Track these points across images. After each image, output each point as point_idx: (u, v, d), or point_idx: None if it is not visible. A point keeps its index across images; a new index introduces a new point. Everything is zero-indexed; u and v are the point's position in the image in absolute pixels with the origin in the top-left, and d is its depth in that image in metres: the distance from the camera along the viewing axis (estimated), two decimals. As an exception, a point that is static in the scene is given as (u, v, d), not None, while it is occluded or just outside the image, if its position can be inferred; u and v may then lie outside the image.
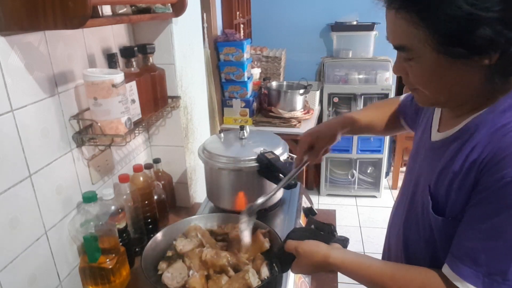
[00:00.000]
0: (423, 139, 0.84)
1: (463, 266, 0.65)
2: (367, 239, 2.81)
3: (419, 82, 0.69)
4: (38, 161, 0.90)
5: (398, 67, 0.71)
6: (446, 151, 0.72)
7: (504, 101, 0.65)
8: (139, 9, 1.08)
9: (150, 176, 1.30)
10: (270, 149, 1.12)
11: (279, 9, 3.42)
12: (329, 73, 3.12)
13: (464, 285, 0.64)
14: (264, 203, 1.02)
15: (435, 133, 0.79)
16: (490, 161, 0.62)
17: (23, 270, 0.87)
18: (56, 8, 0.73)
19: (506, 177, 0.59)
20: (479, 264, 0.63)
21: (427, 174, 0.77)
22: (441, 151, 0.74)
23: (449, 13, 0.57)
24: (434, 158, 0.75)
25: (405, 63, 0.69)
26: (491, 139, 0.63)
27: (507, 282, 0.62)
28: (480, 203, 0.64)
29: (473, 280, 0.64)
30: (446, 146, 0.73)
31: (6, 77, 0.79)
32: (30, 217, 0.89)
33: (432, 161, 0.76)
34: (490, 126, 0.65)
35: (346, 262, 0.78)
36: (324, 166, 3.29)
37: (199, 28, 1.58)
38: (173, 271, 0.92)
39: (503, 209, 0.61)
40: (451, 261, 0.68)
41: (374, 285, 0.76)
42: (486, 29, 0.56)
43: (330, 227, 0.87)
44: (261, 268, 0.92)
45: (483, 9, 0.55)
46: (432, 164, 0.76)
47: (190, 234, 1.04)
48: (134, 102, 1.10)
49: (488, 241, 0.63)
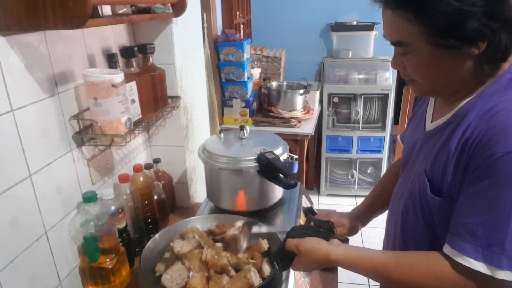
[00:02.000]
0: (417, 133, 0.89)
1: (462, 242, 0.68)
2: (367, 239, 2.81)
3: (416, 73, 0.75)
4: (38, 161, 0.90)
5: (396, 61, 0.77)
6: (441, 136, 0.77)
7: (492, 87, 0.72)
8: (139, 9, 1.08)
9: (150, 176, 1.30)
10: (270, 149, 1.12)
11: (279, 9, 3.42)
12: (329, 73, 3.12)
13: (465, 259, 0.67)
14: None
15: (429, 124, 0.85)
16: (480, 141, 0.67)
17: (23, 270, 0.87)
18: (56, 8, 0.73)
19: (496, 153, 0.64)
20: (477, 238, 0.67)
21: (422, 160, 0.82)
22: (436, 137, 0.79)
23: (440, 10, 0.64)
24: (429, 145, 0.81)
25: (402, 57, 0.75)
26: (481, 120, 0.69)
27: (505, 252, 0.65)
28: (474, 181, 0.68)
29: (473, 254, 0.67)
30: (440, 131, 0.78)
31: (6, 77, 0.79)
32: (30, 217, 0.89)
33: (427, 148, 0.81)
34: (479, 109, 0.71)
35: (348, 258, 0.81)
36: (324, 166, 3.29)
37: (199, 28, 1.58)
38: (172, 273, 0.92)
39: (496, 183, 0.65)
40: (450, 240, 0.71)
41: (379, 276, 0.79)
42: (473, 22, 0.63)
43: (329, 223, 0.88)
44: (263, 266, 0.92)
45: (470, 5, 0.63)
46: (427, 151, 0.81)
47: (187, 236, 1.04)
48: (134, 102, 1.10)
49: (484, 215, 0.66)
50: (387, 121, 3.10)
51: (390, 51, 0.80)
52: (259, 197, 1.18)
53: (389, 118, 3.10)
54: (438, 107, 0.85)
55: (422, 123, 0.88)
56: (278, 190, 1.22)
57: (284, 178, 1.08)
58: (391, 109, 3.07)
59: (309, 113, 2.83)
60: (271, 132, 1.33)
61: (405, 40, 0.71)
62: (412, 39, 0.69)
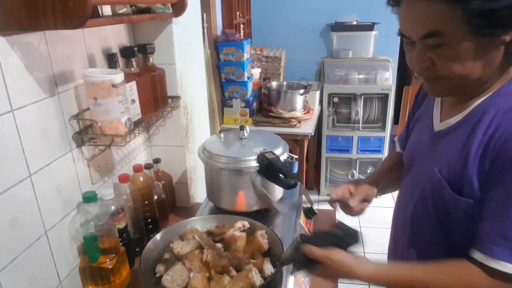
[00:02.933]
0: (424, 133, 0.87)
1: (497, 247, 0.66)
2: (367, 239, 2.80)
3: (450, 67, 0.69)
4: (38, 161, 0.90)
5: (421, 58, 0.71)
6: (455, 136, 0.75)
7: (507, 86, 0.71)
8: (139, 9, 1.08)
9: (150, 176, 1.30)
10: (270, 149, 1.12)
11: (279, 9, 3.42)
12: (329, 73, 3.12)
13: (502, 264, 0.65)
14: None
15: (437, 124, 0.83)
16: (505, 142, 0.65)
17: (23, 270, 0.87)
18: (56, 8, 0.73)
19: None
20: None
21: (434, 160, 0.78)
22: (449, 137, 0.77)
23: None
24: (441, 145, 0.78)
25: (430, 52, 0.70)
26: (502, 120, 0.67)
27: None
28: (503, 183, 0.65)
29: (509, 257, 0.65)
30: (453, 131, 0.76)
31: (6, 77, 0.79)
32: (30, 217, 0.89)
33: (440, 148, 0.79)
34: (499, 107, 0.69)
35: (374, 275, 0.78)
36: (324, 166, 3.29)
37: (199, 28, 1.58)
38: (173, 273, 0.91)
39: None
40: (481, 245, 0.68)
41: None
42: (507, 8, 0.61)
43: (357, 233, 0.83)
44: (264, 266, 0.92)
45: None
46: (439, 151, 0.78)
47: (186, 237, 1.04)
48: (134, 102, 1.10)
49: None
50: (387, 121, 3.10)
51: (390, 51, 0.79)
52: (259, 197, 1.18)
53: (389, 118, 3.09)
54: (448, 107, 0.82)
55: (430, 123, 0.85)
56: (278, 190, 1.22)
57: (284, 178, 1.08)
58: (391, 109, 3.07)
59: (309, 113, 2.83)
60: (271, 132, 1.33)
61: (440, 29, 0.66)
62: (449, 27, 0.65)
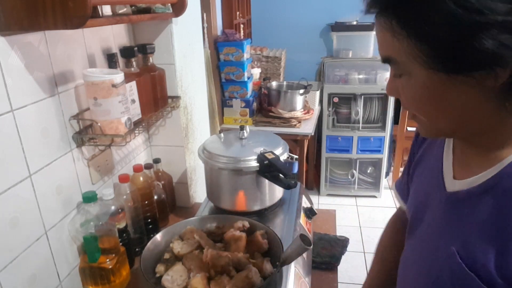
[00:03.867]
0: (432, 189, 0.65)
1: None
2: (367, 239, 2.81)
3: (412, 105, 0.55)
4: (38, 161, 0.90)
5: (391, 87, 0.57)
6: (478, 206, 0.53)
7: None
8: (139, 9, 1.08)
9: (150, 176, 1.30)
10: (270, 149, 1.12)
11: (279, 9, 3.42)
12: (329, 73, 3.12)
13: None
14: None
15: (450, 181, 0.60)
16: None
17: (23, 270, 0.87)
18: (56, 8, 0.73)
19: None
20: None
21: (451, 237, 0.57)
22: (469, 205, 0.55)
23: (435, 18, 0.44)
24: (459, 215, 0.57)
25: (397, 81, 0.55)
26: None
27: None
28: None
29: None
30: (475, 198, 0.54)
31: (6, 77, 0.79)
32: (30, 217, 0.89)
33: (455, 218, 0.57)
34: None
35: None
36: (324, 166, 3.29)
37: (199, 28, 1.58)
38: (173, 273, 0.91)
39: None
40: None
41: None
42: (487, 38, 0.42)
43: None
44: (264, 266, 0.92)
45: (481, 12, 0.41)
46: (455, 223, 0.57)
47: (186, 237, 1.04)
48: (134, 102, 1.10)
49: None
50: (387, 121, 3.10)
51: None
52: (259, 197, 1.18)
53: (389, 118, 3.09)
54: (463, 155, 0.60)
55: (439, 179, 0.63)
56: (278, 190, 1.22)
57: (284, 178, 1.08)
58: (391, 109, 3.07)
59: (309, 113, 2.83)
60: (271, 132, 1.33)
61: (394, 57, 0.51)
62: (402, 56, 0.50)
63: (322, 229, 1.37)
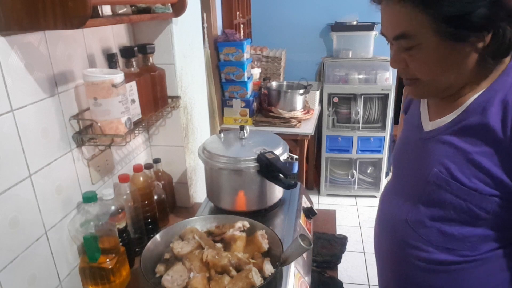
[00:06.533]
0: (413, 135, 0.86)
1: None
2: (367, 239, 2.81)
3: (421, 69, 0.72)
4: (38, 161, 0.90)
5: (397, 59, 0.74)
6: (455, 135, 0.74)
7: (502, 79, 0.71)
8: (139, 9, 1.08)
9: (150, 176, 1.30)
10: (270, 149, 1.12)
11: (279, 9, 3.42)
12: (329, 73, 3.12)
13: None
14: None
15: (427, 123, 0.82)
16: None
17: (23, 270, 0.87)
18: (56, 8, 0.73)
19: None
20: None
21: (431, 163, 0.77)
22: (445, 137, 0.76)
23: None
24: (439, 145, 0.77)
25: (404, 54, 0.72)
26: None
27: None
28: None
29: None
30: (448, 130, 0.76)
31: (6, 77, 0.79)
32: (30, 217, 0.89)
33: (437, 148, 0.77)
34: (505, 91, 0.69)
35: None
36: (324, 166, 3.29)
37: (199, 28, 1.58)
38: (173, 273, 0.91)
39: None
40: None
41: None
42: (482, 8, 0.63)
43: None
44: (264, 266, 0.92)
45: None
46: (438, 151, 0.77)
47: (186, 237, 1.04)
48: (134, 102, 1.10)
49: None
50: (387, 121, 3.10)
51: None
52: (259, 197, 1.18)
53: (389, 118, 3.10)
54: (435, 107, 0.82)
55: (418, 124, 0.85)
56: (278, 190, 1.22)
57: (284, 178, 1.08)
58: (391, 109, 3.07)
59: (309, 113, 2.83)
60: (271, 132, 1.33)
61: (411, 32, 0.68)
62: (419, 30, 0.67)
63: (322, 229, 1.37)
